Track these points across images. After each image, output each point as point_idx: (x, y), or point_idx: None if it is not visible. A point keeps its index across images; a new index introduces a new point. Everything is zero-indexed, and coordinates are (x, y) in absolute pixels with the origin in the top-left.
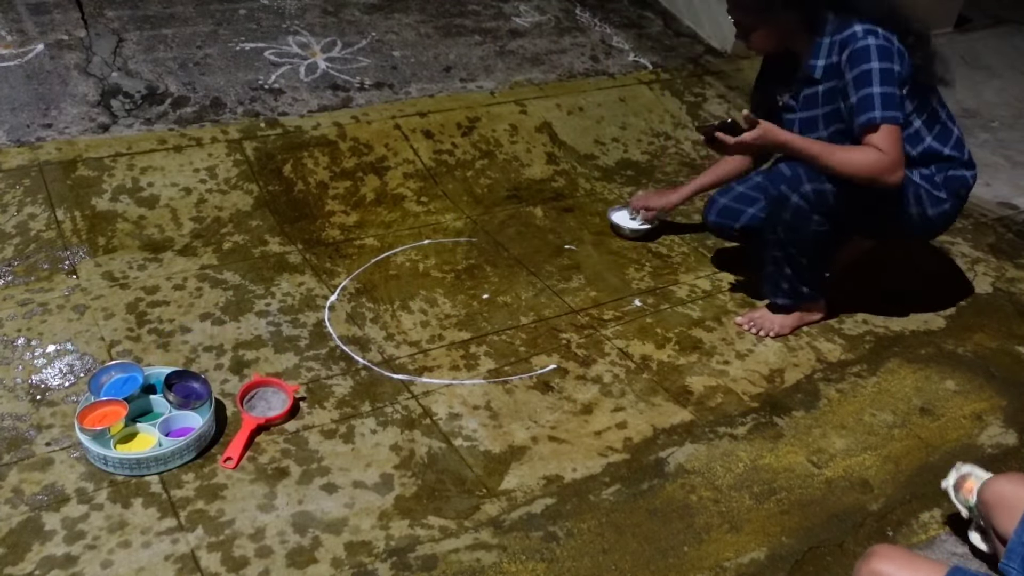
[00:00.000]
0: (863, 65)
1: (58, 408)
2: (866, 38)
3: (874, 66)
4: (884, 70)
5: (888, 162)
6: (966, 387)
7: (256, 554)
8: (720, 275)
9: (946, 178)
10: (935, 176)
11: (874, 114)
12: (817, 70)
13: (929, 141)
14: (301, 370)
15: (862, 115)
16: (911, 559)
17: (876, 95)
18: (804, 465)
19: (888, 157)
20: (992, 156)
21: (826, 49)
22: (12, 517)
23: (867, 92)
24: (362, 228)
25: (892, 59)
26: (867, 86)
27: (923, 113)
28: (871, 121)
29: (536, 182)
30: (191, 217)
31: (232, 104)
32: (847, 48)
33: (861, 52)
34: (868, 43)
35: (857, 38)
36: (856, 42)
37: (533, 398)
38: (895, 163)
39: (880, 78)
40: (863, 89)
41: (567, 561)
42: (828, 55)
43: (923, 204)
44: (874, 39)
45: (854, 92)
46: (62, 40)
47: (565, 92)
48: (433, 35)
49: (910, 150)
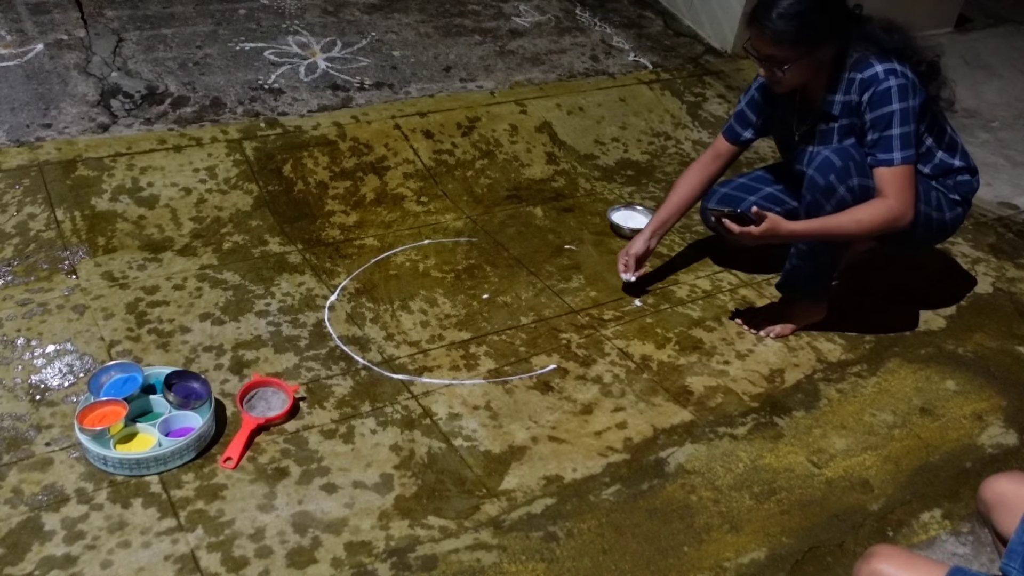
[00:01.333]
0: (884, 108)
1: (58, 408)
2: (887, 79)
3: (895, 107)
4: (903, 110)
5: (899, 210)
6: (966, 387)
7: (256, 554)
8: (720, 275)
9: (956, 183)
10: (948, 184)
11: (892, 155)
12: (835, 106)
13: (940, 155)
14: (301, 370)
15: (881, 155)
16: (911, 559)
17: (896, 136)
18: (804, 465)
19: (899, 204)
20: (992, 156)
21: (844, 85)
22: (12, 517)
23: (887, 134)
24: (362, 228)
25: (910, 97)
26: (888, 128)
27: (934, 130)
28: (889, 163)
29: (536, 182)
30: (191, 217)
31: (232, 104)
32: (869, 89)
33: (883, 95)
34: (890, 85)
35: (879, 79)
36: (879, 84)
37: (533, 398)
38: (906, 208)
39: (900, 119)
40: (884, 131)
41: (567, 561)
42: (847, 92)
43: (943, 210)
44: (895, 80)
45: (873, 132)
46: (62, 40)
47: (565, 92)
48: (433, 35)
49: (923, 167)
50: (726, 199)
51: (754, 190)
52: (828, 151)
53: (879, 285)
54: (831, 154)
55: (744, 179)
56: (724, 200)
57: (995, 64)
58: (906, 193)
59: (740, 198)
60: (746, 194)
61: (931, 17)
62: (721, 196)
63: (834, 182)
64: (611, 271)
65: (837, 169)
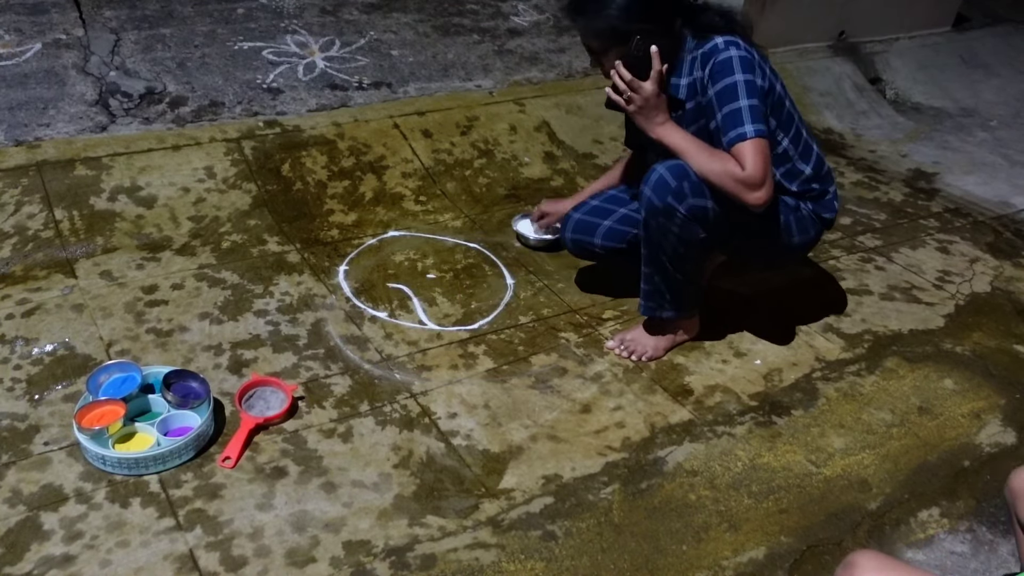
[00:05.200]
0: (727, 79)
1: (56, 408)
2: (727, 49)
3: (738, 78)
4: (748, 83)
5: (753, 180)
6: (964, 386)
7: (255, 553)
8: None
9: (815, 205)
10: (801, 202)
11: (744, 128)
12: (680, 90)
13: (796, 162)
14: (300, 369)
15: (732, 130)
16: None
17: (744, 108)
18: (803, 464)
19: (756, 175)
20: (990, 155)
21: (688, 66)
22: (10, 517)
23: (734, 107)
24: (360, 227)
25: (754, 71)
26: (733, 100)
27: (789, 129)
28: (742, 137)
29: (535, 181)
30: (189, 216)
31: (230, 103)
32: (709, 61)
33: (724, 65)
34: (731, 55)
35: (719, 49)
36: (718, 54)
37: (532, 397)
38: (760, 180)
39: (747, 90)
40: (730, 103)
41: (566, 560)
42: (690, 71)
43: (791, 229)
44: (736, 50)
45: (719, 107)
46: (60, 39)
47: (564, 91)
48: (431, 34)
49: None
50: (582, 226)
51: (608, 212)
52: (662, 167)
53: (877, 285)
54: (665, 171)
55: (597, 201)
56: (580, 227)
57: (993, 63)
58: (764, 168)
59: (595, 224)
60: (600, 218)
61: (929, 16)
62: (576, 223)
63: (672, 203)
64: (611, 271)
65: (672, 190)
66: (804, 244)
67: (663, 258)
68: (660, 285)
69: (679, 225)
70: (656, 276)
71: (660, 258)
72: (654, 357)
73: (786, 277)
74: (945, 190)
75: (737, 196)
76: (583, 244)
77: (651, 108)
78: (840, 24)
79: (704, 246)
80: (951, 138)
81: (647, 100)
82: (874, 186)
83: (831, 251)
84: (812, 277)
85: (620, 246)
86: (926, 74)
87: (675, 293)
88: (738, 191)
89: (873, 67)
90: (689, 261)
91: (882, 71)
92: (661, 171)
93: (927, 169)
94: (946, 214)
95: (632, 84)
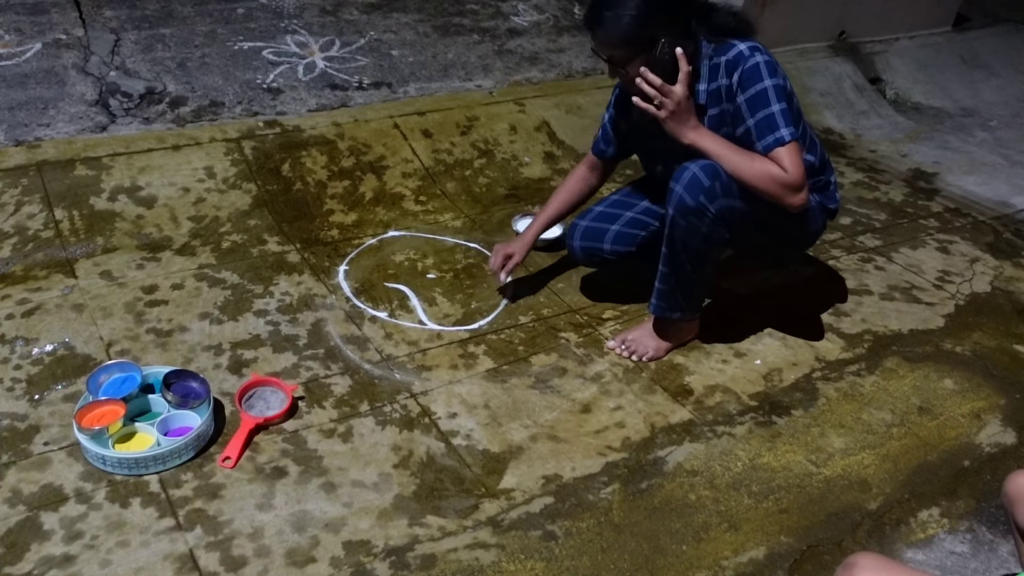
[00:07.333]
0: (758, 85)
1: (56, 408)
2: (753, 55)
3: (768, 84)
4: (777, 87)
5: (792, 181)
6: (964, 386)
7: (255, 553)
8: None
9: (821, 196)
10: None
11: (780, 133)
12: (701, 96)
13: (804, 154)
14: (300, 369)
15: (769, 135)
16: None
17: (777, 112)
18: (803, 464)
19: (794, 177)
20: (990, 155)
21: (709, 72)
22: (10, 517)
23: (767, 112)
24: (360, 227)
25: (778, 75)
26: (766, 106)
27: (798, 124)
28: (780, 141)
29: (535, 181)
30: (189, 216)
31: (230, 103)
32: (736, 68)
33: (752, 71)
34: (757, 61)
35: (744, 56)
36: (745, 61)
37: (532, 397)
38: (801, 182)
39: (776, 95)
40: (763, 109)
41: (566, 560)
42: (714, 78)
43: (804, 221)
44: (761, 56)
45: (751, 114)
46: (60, 39)
47: (564, 91)
48: (431, 34)
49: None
50: (590, 232)
51: (615, 217)
52: (695, 167)
53: (877, 285)
54: (698, 170)
55: (602, 207)
56: (587, 234)
57: (993, 63)
58: (803, 170)
59: (603, 229)
60: (608, 223)
61: (929, 16)
62: (584, 230)
63: (704, 202)
64: (611, 271)
65: (706, 188)
66: (813, 235)
67: (684, 258)
68: (676, 286)
69: (708, 225)
70: (674, 277)
71: (681, 258)
72: (655, 358)
73: (786, 277)
74: (945, 190)
75: (779, 199)
76: (592, 251)
77: (683, 112)
78: (840, 24)
79: (724, 246)
80: (951, 138)
81: (679, 104)
82: (874, 186)
83: (831, 251)
84: (812, 277)
85: (630, 249)
86: (926, 74)
87: (688, 295)
88: (781, 194)
89: (873, 67)
90: (709, 262)
91: (882, 71)
92: (695, 170)
93: (927, 169)
94: (946, 214)
95: (663, 89)
